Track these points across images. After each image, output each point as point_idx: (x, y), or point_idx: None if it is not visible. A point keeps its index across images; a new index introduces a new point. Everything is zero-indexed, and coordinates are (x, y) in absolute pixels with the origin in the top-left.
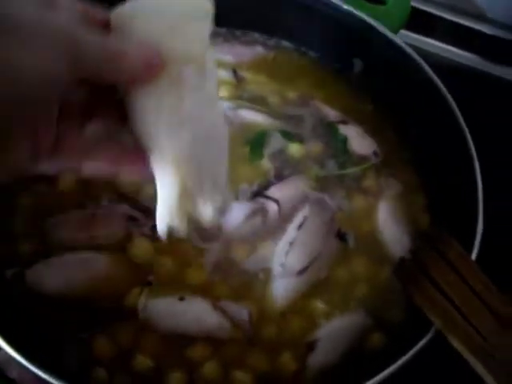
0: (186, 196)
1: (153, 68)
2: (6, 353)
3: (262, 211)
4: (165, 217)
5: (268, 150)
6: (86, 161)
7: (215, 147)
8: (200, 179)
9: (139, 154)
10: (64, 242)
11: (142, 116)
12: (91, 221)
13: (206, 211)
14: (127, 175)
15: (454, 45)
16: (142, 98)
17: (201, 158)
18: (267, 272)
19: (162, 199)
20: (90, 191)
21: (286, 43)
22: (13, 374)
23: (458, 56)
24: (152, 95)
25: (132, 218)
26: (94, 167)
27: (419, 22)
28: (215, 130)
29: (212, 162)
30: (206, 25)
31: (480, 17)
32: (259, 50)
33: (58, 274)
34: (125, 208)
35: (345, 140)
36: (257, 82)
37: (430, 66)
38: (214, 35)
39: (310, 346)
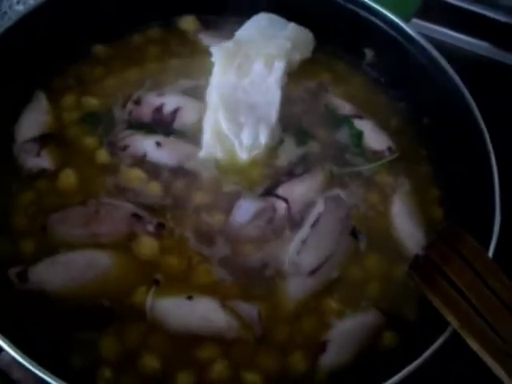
0: (219, 133)
1: None
2: (9, 354)
3: (271, 209)
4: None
5: (281, 148)
6: None
7: (263, 108)
8: (238, 123)
9: None
10: (66, 239)
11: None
12: (94, 218)
13: (242, 149)
14: None
15: (467, 33)
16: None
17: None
18: (278, 271)
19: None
20: (91, 187)
21: None
22: (15, 375)
23: (471, 45)
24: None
25: (136, 216)
26: None
27: (432, 10)
28: (266, 98)
29: (261, 112)
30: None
31: (493, 4)
32: None
33: (63, 273)
34: (129, 206)
35: (360, 135)
36: None
37: (443, 55)
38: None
39: (322, 347)
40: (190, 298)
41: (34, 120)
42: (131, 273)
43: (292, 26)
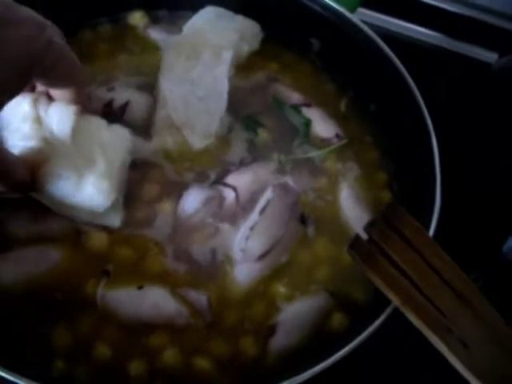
0: (169, 125)
1: None
2: None
3: (219, 198)
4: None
5: (230, 137)
6: None
7: (212, 99)
8: (188, 115)
9: None
10: (16, 235)
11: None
12: (41, 214)
13: (194, 139)
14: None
15: (412, 22)
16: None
17: (194, 105)
18: (228, 258)
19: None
20: None
21: None
22: None
23: (416, 33)
24: (175, 58)
25: None
26: None
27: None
28: (215, 89)
29: (210, 103)
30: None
31: None
32: None
33: (13, 268)
34: None
35: (308, 123)
36: None
37: (388, 43)
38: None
39: (271, 330)
40: (140, 287)
41: None
42: (82, 265)
43: (239, 18)
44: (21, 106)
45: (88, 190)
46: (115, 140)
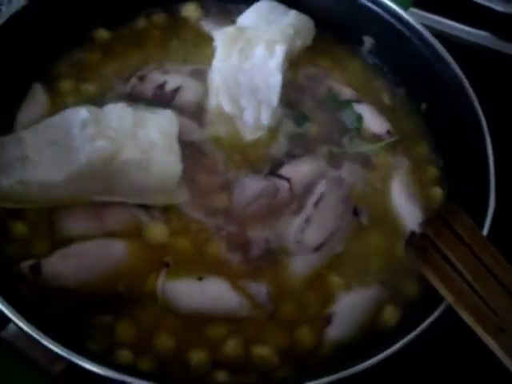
0: (222, 114)
1: None
2: (15, 326)
3: (274, 189)
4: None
5: (281, 129)
6: None
7: (265, 91)
8: (240, 105)
9: None
10: (76, 232)
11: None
12: (101, 210)
13: (246, 130)
14: None
15: (463, 23)
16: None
17: (246, 96)
18: (283, 249)
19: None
20: None
21: None
22: (22, 347)
23: (467, 34)
24: (229, 49)
25: (140, 205)
26: None
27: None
28: (268, 81)
29: (263, 95)
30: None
31: None
32: None
33: (76, 265)
34: None
35: (360, 118)
36: None
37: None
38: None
39: (327, 320)
40: (200, 278)
41: (32, 113)
42: (143, 258)
43: (293, 13)
44: (78, 114)
45: (158, 168)
46: (162, 120)
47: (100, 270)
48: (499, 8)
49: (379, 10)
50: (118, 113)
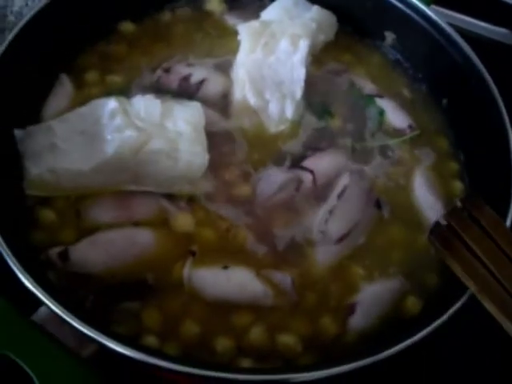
0: (246, 107)
1: None
2: (47, 310)
3: (297, 181)
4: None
5: (304, 123)
6: None
7: (289, 85)
8: (264, 98)
9: None
10: (102, 221)
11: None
12: (127, 199)
13: (270, 123)
14: None
15: (484, 20)
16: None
17: (271, 90)
18: (307, 239)
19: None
20: None
21: None
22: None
23: (489, 31)
24: (254, 43)
25: (165, 194)
26: None
27: None
28: (292, 75)
29: (287, 89)
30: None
31: None
32: None
33: (103, 252)
34: None
35: (382, 113)
36: None
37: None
38: None
39: (351, 309)
40: (225, 267)
41: (59, 103)
42: (169, 247)
43: (316, 8)
44: (107, 104)
45: (185, 158)
46: (189, 112)
47: (127, 258)
48: None
49: (401, 6)
50: (146, 104)
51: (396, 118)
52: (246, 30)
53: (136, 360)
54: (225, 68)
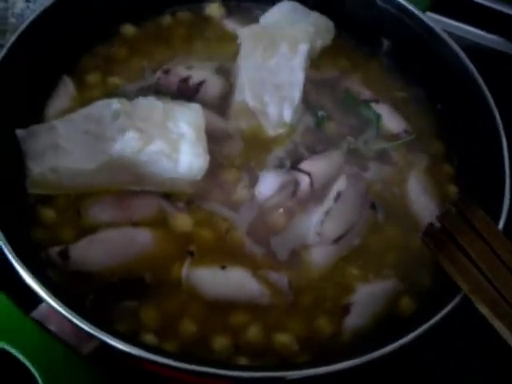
0: (245, 109)
1: None
2: (47, 307)
3: (294, 183)
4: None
5: (301, 126)
6: None
7: (288, 89)
8: (263, 101)
9: None
10: (102, 220)
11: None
12: (127, 199)
13: (269, 126)
14: None
15: (479, 27)
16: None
17: (270, 93)
18: (304, 240)
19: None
20: None
21: None
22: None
23: (483, 39)
24: (253, 47)
25: (164, 195)
26: None
27: (445, 4)
28: (291, 79)
29: (285, 92)
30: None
31: None
32: None
33: (103, 250)
34: None
35: (378, 117)
36: None
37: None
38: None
39: (346, 310)
40: (223, 267)
41: (61, 104)
42: (167, 247)
43: (314, 14)
44: (110, 105)
45: (186, 159)
46: (190, 113)
47: (126, 257)
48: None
49: (398, 13)
50: (148, 105)
51: (392, 122)
52: (245, 34)
53: (136, 356)
54: (224, 71)
